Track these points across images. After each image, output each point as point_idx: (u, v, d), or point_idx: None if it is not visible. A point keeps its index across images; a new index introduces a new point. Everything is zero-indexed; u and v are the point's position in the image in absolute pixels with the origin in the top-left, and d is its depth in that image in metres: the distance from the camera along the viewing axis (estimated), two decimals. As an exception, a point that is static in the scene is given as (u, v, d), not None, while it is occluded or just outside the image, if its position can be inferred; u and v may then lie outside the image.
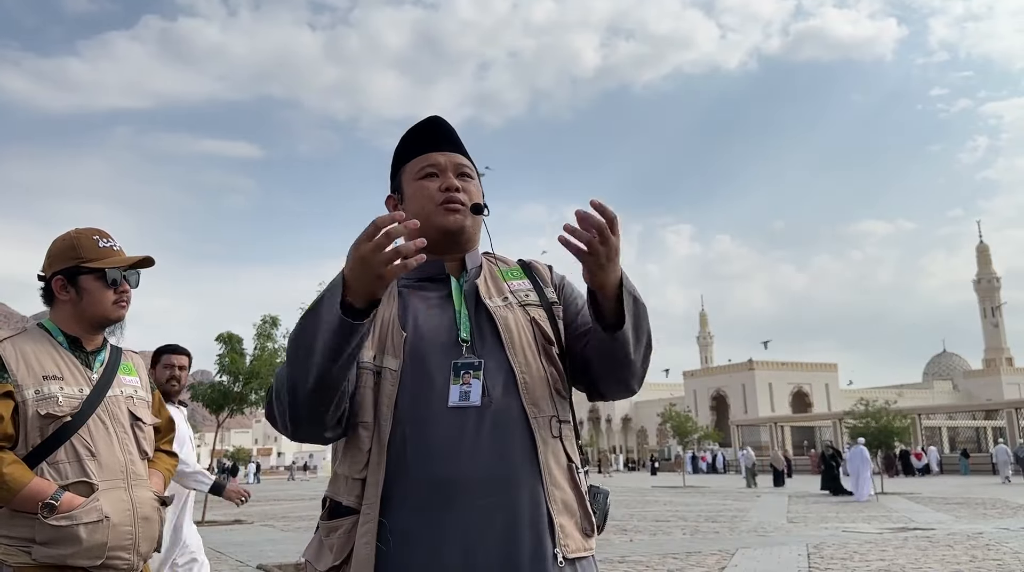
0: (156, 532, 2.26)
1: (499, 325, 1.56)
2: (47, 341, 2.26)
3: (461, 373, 1.49)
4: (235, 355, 16.37)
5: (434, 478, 1.44)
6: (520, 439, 1.49)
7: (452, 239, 1.63)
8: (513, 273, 1.70)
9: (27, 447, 2.12)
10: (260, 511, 21.57)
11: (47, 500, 2.04)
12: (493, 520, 1.42)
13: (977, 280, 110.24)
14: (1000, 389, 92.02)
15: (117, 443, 2.22)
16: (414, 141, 1.69)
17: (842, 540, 11.56)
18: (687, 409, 46.29)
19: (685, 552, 10.43)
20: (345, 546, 1.46)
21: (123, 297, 2.34)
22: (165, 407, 2.58)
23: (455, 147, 1.68)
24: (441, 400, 1.48)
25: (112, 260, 2.32)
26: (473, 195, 1.65)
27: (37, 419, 2.12)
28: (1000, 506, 17.85)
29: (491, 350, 1.54)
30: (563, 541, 1.46)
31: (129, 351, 2.49)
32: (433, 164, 1.64)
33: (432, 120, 1.72)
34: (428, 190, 1.63)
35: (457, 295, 1.61)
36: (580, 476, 1.57)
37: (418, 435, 1.46)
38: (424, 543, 1.42)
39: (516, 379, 1.52)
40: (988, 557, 9.40)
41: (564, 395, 1.60)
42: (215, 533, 14.48)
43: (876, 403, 28.28)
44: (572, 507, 1.51)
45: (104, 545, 2.10)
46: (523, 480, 1.46)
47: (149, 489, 2.28)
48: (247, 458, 70.47)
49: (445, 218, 1.61)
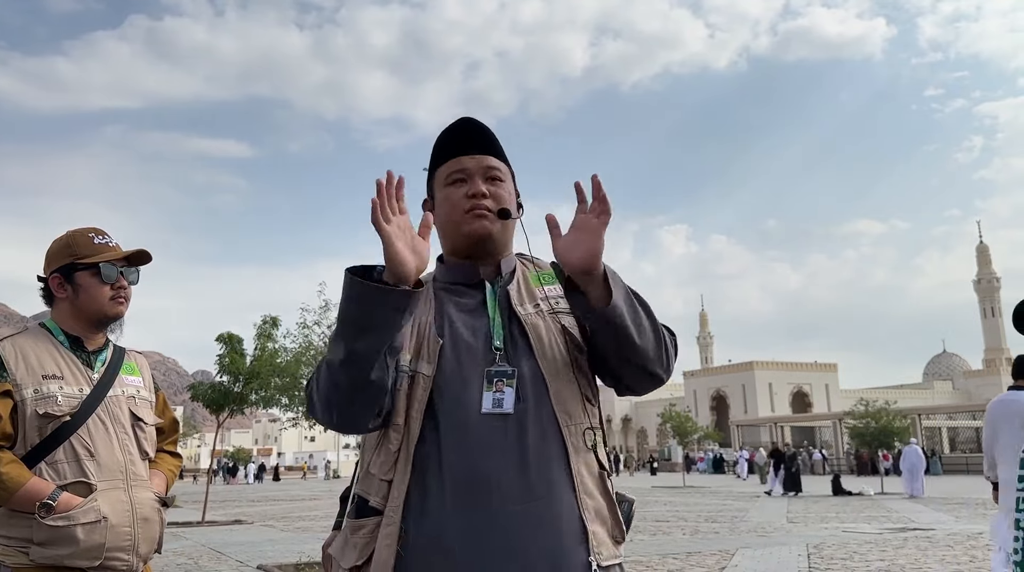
0: (156, 533, 2.24)
1: (530, 334, 1.56)
2: (48, 340, 2.26)
3: (495, 381, 1.49)
4: (235, 355, 16.33)
5: (463, 484, 1.43)
6: (553, 447, 1.48)
7: (481, 246, 1.61)
8: (546, 277, 1.67)
9: (26, 446, 2.11)
10: (260, 511, 21.58)
11: (44, 500, 2.04)
12: (524, 527, 1.42)
13: (977, 280, 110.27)
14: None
15: (117, 443, 2.21)
16: (444, 145, 1.67)
17: (842, 540, 11.55)
18: (687, 409, 46.26)
19: (685, 552, 10.43)
20: (368, 546, 1.47)
21: (120, 293, 2.32)
22: (169, 408, 2.57)
23: (485, 149, 1.65)
24: (473, 407, 1.48)
25: (107, 255, 2.31)
26: (502, 199, 1.62)
27: (36, 418, 2.11)
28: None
29: (523, 358, 1.54)
30: (597, 549, 1.46)
31: (133, 351, 2.47)
32: (461, 170, 1.62)
33: (461, 122, 1.69)
34: (455, 197, 1.61)
35: (491, 302, 1.60)
36: (611, 483, 1.57)
37: (449, 441, 1.46)
38: (450, 550, 1.41)
39: (547, 388, 1.52)
40: (988, 557, 9.38)
41: (593, 402, 1.60)
42: (215, 533, 14.48)
43: (876, 403, 28.31)
44: (604, 515, 1.51)
45: (102, 546, 2.08)
46: (556, 488, 1.46)
47: (149, 490, 2.26)
48: (247, 458, 70.39)
49: (471, 225, 1.59)
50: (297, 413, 15.55)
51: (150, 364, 2.55)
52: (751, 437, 60.15)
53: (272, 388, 16.19)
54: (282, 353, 16.09)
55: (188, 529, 15.41)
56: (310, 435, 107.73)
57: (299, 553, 10.80)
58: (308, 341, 14.07)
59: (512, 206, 1.64)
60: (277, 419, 69.57)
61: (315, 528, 15.40)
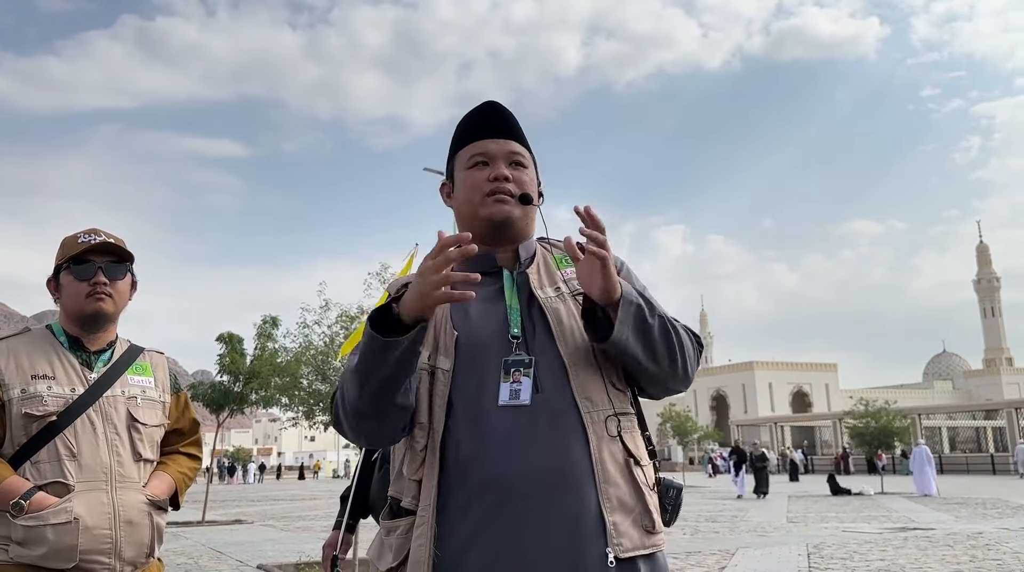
0: (145, 537, 2.18)
1: (550, 318, 1.52)
2: (48, 341, 2.25)
3: (512, 371, 1.46)
4: (235, 355, 16.33)
5: (486, 479, 1.42)
6: (573, 435, 1.44)
7: (500, 231, 1.59)
8: (567, 260, 1.63)
9: (13, 446, 2.10)
10: (260, 511, 21.58)
11: (17, 499, 2.02)
12: (544, 519, 1.40)
13: (977, 280, 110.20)
14: (1000, 389, 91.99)
15: (105, 444, 2.17)
16: (467, 128, 1.65)
17: (842, 540, 11.55)
18: (687, 409, 46.26)
19: (685, 552, 10.43)
20: (403, 547, 1.47)
21: (97, 289, 2.24)
22: (191, 408, 2.51)
23: (509, 134, 1.62)
24: (493, 399, 1.45)
25: (81, 253, 2.24)
26: (525, 185, 1.60)
27: (21, 418, 2.10)
28: (1000, 506, 17.84)
29: (543, 344, 1.50)
30: (616, 540, 1.41)
31: (152, 351, 2.43)
32: (483, 153, 1.60)
33: (487, 106, 1.66)
34: (477, 180, 1.59)
35: (509, 289, 1.57)
36: (642, 471, 1.51)
37: (469, 435, 1.45)
38: (478, 545, 1.40)
39: (568, 374, 1.48)
40: (988, 557, 9.39)
41: (620, 388, 1.54)
42: (215, 533, 14.48)
43: (876, 403, 28.32)
44: (628, 504, 1.45)
45: (74, 548, 2.04)
46: (575, 478, 1.42)
47: (140, 492, 2.20)
48: (247, 458, 70.36)
49: (492, 209, 1.57)
50: (297, 413, 15.52)
51: None
52: (751, 437, 60.13)
53: (272, 388, 16.17)
54: (282, 353, 16.08)
55: (188, 529, 15.40)
56: (310, 435, 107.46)
57: (299, 553, 10.79)
58: (308, 341, 14.06)
59: (534, 192, 1.62)
60: (277, 419, 69.53)
61: (315, 528, 15.40)
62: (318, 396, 13.78)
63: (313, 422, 14.78)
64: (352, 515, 3.45)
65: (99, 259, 2.27)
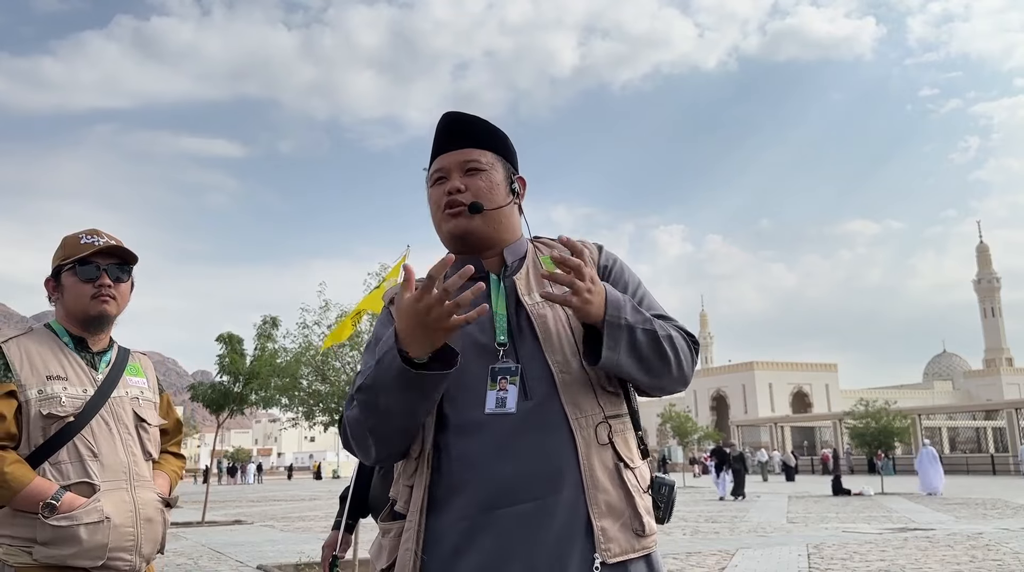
0: (159, 533, 2.25)
1: (536, 325, 1.51)
2: (53, 341, 2.26)
3: (498, 378, 1.46)
4: (235, 355, 16.32)
5: (474, 486, 1.42)
6: (560, 442, 1.44)
7: (464, 243, 1.57)
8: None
9: (30, 447, 2.12)
10: (260, 511, 21.58)
11: (48, 500, 2.04)
12: (532, 527, 1.39)
13: (977, 280, 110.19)
14: (1000, 389, 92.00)
15: (120, 444, 2.22)
16: (432, 146, 1.64)
17: (842, 540, 11.55)
18: (687, 409, 46.23)
19: (685, 552, 10.43)
20: (394, 549, 1.48)
21: (102, 291, 2.27)
22: (174, 408, 2.57)
23: (464, 141, 1.60)
24: (480, 407, 1.45)
25: (87, 254, 2.27)
26: (480, 192, 1.56)
27: (40, 419, 2.12)
28: (1000, 506, 17.84)
29: (531, 350, 1.49)
30: (604, 545, 1.41)
31: (138, 352, 2.47)
32: (440, 168, 1.60)
33: (442, 119, 1.64)
34: (435, 196, 1.59)
35: (495, 295, 1.55)
36: (633, 473, 1.50)
37: (458, 443, 1.46)
38: (467, 552, 1.40)
39: (555, 381, 1.47)
40: (988, 557, 9.39)
41: (611, 390, 1.53)
42: (215, 533, 14.48)
43: (876, 403, 28.28)
44: (617, 508, 1.45)
45: (105, 546, 2.09)
46: (563, 484, 1.42)
47: (153, 490, 2.27)
48: (247, 458, 70.37)
49: (449, 224, 1.56)
50: (297, 413, 15.50)
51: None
52: (751, 437, 60.11)
53: (272, 388, 16.14)
54: (282, 353, 16.06)
55: (188, 529, 15.41)
56: (310, 435, 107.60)
57: (299, 553, 10.80)
58: (308, 341, 14.04)
59: (497, 195, 1.58)
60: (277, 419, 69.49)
61: (315, 528, 15.40)
62: (318, 397, 13.75)
63: (313, 423, 14.77)
64: (351, 515, 3.45)
65: (103, 261, 2.29)
